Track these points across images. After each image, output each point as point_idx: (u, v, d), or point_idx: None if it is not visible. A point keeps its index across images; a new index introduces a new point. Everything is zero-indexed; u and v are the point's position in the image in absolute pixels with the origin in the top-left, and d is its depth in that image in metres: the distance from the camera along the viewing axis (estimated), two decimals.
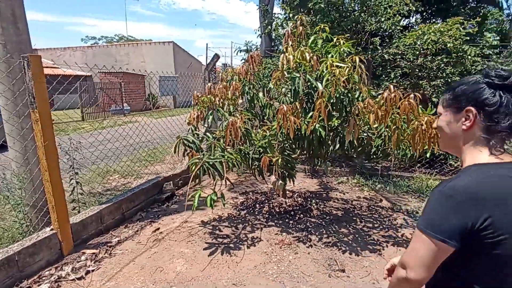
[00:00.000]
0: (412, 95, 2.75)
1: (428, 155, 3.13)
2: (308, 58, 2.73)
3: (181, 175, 4.91)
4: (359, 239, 3.29)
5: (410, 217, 3.83)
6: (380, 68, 5.12)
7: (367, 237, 3.33)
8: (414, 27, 7.30)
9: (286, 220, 3.64)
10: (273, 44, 6.93)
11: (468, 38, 4.45)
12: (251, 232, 3.42)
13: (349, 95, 2.61)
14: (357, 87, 2.65)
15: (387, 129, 2.85)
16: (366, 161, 5.42)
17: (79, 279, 2.57)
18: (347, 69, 2.50)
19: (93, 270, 2.69)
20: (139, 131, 4.97)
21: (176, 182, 4.76)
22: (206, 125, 3.30)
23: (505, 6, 9.02)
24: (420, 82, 5.32)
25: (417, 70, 5.26)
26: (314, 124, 2.77)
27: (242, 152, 3.24)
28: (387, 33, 6.03)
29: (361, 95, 2.89)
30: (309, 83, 2.81)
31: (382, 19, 4.52)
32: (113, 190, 4.65)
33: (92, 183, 4.57)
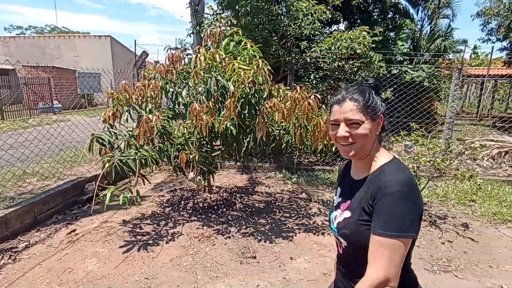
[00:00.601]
0: (312, 96, 3.07)
1: (333, 149, 3.50)
2: (218, 59, 2.89)
3: (106, 175, 4.75)
4: (275, 228, 3.56)
5: (324, 206, 4.23)
6: (302, 70, 5.53)
7: (282, 226, 3.62)
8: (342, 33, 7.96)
9: (209, 215, 3.78)
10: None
11: (374, 45, 5.04)
12: (172, 227, 3.49)
13: (256, 95, 2.83)
14: (263, 87, 2.88)
15: (293, 127, 3.14)
16: (294, 157, 5.81)
17: None
18: (252, 71, 2.71)
19: None
20: (72, 130, 4.75)
21: (101, 182, 4.60)
22: (123, 123, 3.28)
23: (417, 18, 10.25)
24: (339, 83, 5.85)
25: (336, 73, 5.78)
26: (226, 122, 2.96)
27: (162, 149, 3.30)
28: (315, 38, 6.51)
29: (272, 94, 3.14)
30: (221, 84, 2.97)
31: (303, 25, 4.89)
32: (29, 194, 4.34)
33: (2, 187, 4.21)
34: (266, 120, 3.08)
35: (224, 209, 3.92)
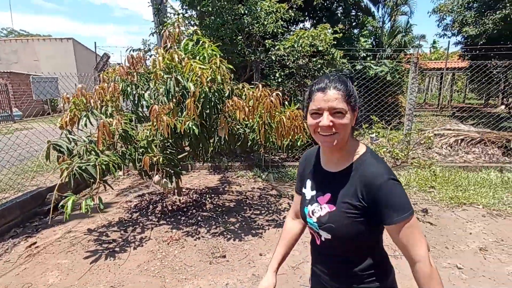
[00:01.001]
0: (274, 94, 3.12)
1: (299, 144, 3.57)
2: (177, 59, 2.86)
3: (66, 184, 4.56)
4: (245, 226, 3.58)
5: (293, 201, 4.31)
6: (268, 68, 5.60)
7: (253, 223, 3.65)
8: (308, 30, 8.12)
9: (178, 217, 3.74)
10: None
11: (336, 42, 5.20)
12: (140, 233, 3.42)
13: (216, 94, 2.83)
14: (222, 86, 2.88)
15: (257, 124, 3.18)
16: (263, 155, 5.87)
17: None
18: (210, 70, 2.71)
19: None
20: (32, 139, 4.50)
21: (60, 191, 4.41)
22: (81, 129, 3.17)
23: (378, 15, 10.70)
24: (306, 80, 5.97)
25: (302, 70, 5.89)
26: (188, 122, 2.94)
27: (125, 154, 3.22)
28: (281, 37, 6.59)
29: (234, 92, 3.16)
30: (182, 84, 2.95)
31: (266, 23, 4.94)
32: None
33: None
34: (228, 119, 3.09)
35: (194, 211, 3.89)
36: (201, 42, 3.11)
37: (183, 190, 4.42)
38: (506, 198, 4.19)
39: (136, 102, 3.61)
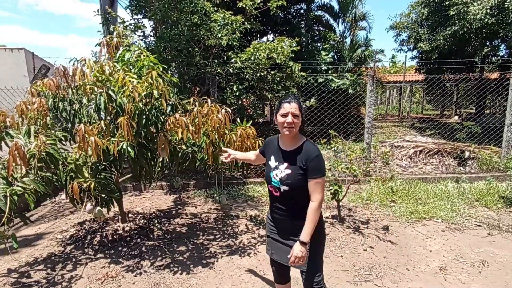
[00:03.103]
0: (223, 111, 2.86)
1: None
2: (107, 72, 2.52)
3: None
4: (195, 255, 3.22)
5: (251, 222, 4.02)
6: (224, 82, 5.36)
7: (204, 251, 3.30)
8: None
9: (119, 248, 3.30)
10: None
11: (294, 55, 5.09)
12: (72, 270, 2.95)
13: (153, 111, 2.51)
14: (160, 102, 2.56)
15: (204, 144, 2.89)
16: (228, 172, 5.57)
17: None
18: (145, 84, 2.40)
19: None
20: None
21: None
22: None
23: (338, 30, 10.98)
24: (266, 93, 5.80)
25: (261, 83, 5.72)
26: (122, 143, 2.58)
27: (51, 179, 2.78)
28: (239, 49, 6.41)
29: (177, 109, 2.85)
30: (114, 100, 2.60)
31: (220, 35, 4.72)
32: None
33: None
34: (171, 138, 2.77)
35: (139, 240, 3.46)
36: (136, 53, 2.79)
37: (129, 215, 3.98)
38: (463, 210, 4.19)
39: (72, 119, 3.18)
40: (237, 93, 5.19)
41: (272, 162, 1.88)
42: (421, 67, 13.51)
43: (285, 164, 1.80)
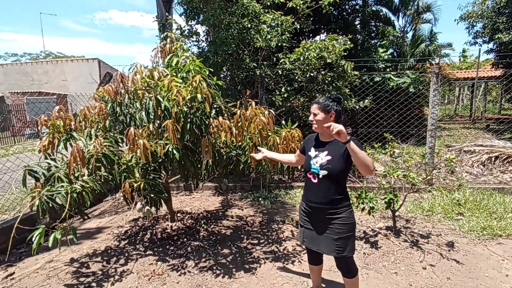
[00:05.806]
0: (266, 112, 2.79)
1: (299, 166, 3.18)
2: (156, 77, 2.61)
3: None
4: (238, 258, 3.20)
5: (297, 228, 3.86)
6: (273, 83, 5.27)
7: (248, 255, 3.26)
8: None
9: (167, 247, 3.42)
10: None
11: (346, 54, 4.80)
12: (123, 265, 3.13)
13: (197, 114, 2.54)
14: (204, 105, 2.57)
15: (247, 147, 2.84)
16: (276, 176, 5.49)
17: None
18: (190, 88, 2.43)
19: None
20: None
21: (59, 214, 4.26)
22: (60, 152, 2.98)
23: (398, 25, 10.14)
24: (316, 94, 5.58)
25: (311, 84, 5.52)
26: (168, 146, 2.65)
27: (107, 179, 2.98)
28: (290, 50, 6.29)
29: (221, 112, 2.85)
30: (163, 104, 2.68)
31: (268, 37, 4.65)
32: None
33: None
34: (215, 141, 2.78)
35: (185, 239, 3.56)
36: (182, 58, 2.85)
37: (178, 214, 4.13)
38: None
39: (128, 122, 3.40)
40: (285, 95, 5.07)
41: (312, 152, 2.08)
42: (499, 61, 11.87)
43: (325, 152, 2.01)
